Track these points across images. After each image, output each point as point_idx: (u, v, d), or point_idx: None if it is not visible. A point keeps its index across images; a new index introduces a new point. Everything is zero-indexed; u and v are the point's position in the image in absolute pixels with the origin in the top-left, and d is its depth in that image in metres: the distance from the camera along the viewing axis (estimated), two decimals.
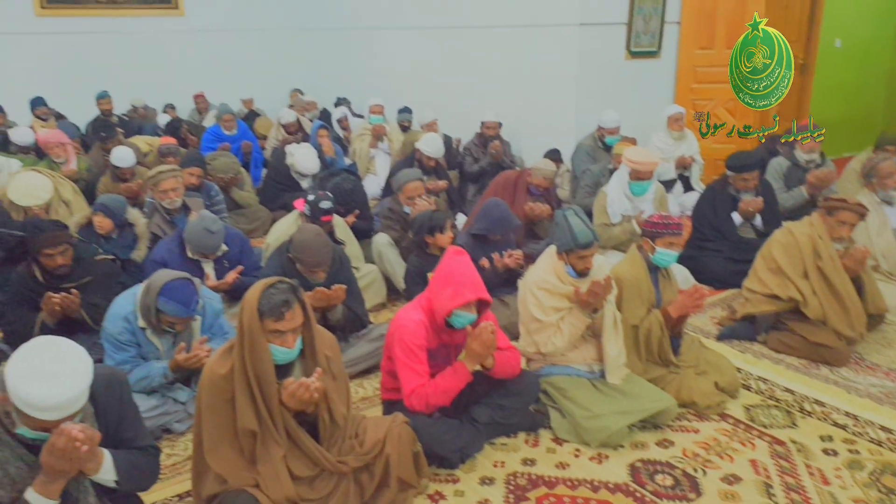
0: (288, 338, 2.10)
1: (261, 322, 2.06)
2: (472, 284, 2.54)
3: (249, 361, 2.07)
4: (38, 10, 8.05)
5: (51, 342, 1.69)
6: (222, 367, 2.10)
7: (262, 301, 2.07)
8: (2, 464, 1.68)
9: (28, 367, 1.61)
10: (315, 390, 2.06)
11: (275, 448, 2.10)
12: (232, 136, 6.81)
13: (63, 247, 3.24)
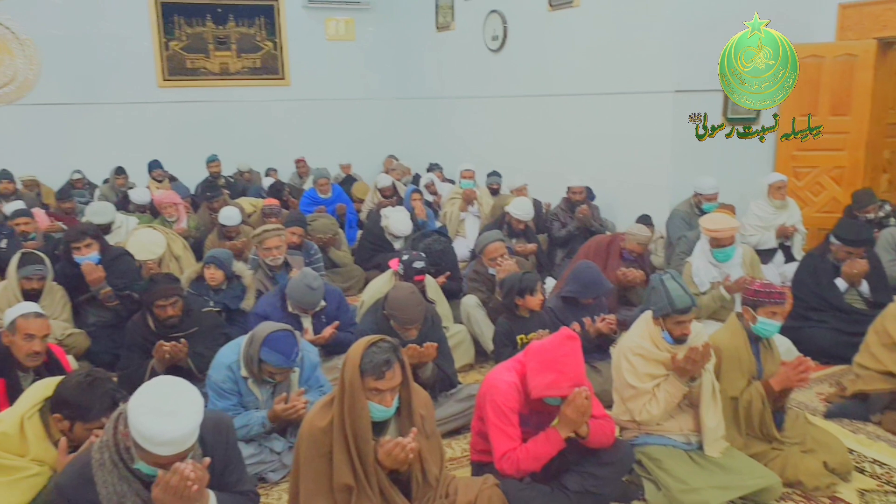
0: (386, 396, 2.13)
1: (361, 379, 2.11)
2: (575, 376, 2.45)
3: (348, 417, 2.11)
4: (160, 81, 8.84)
5: (169, 382, 1.81)
6: (322, 420, 2.15)
7: (364, 359, 2.12)
8: (120, 497, 1.78)
9: (149, 404, 1.72)
10: (410, 450, 2.07)
11: (374, 493, 2.11)
12: (327, 200, 7.11)
13: (174, 298, 3.46)
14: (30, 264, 3.95)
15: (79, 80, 8.47)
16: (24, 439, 2.11)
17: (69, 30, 8.36)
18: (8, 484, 2.06)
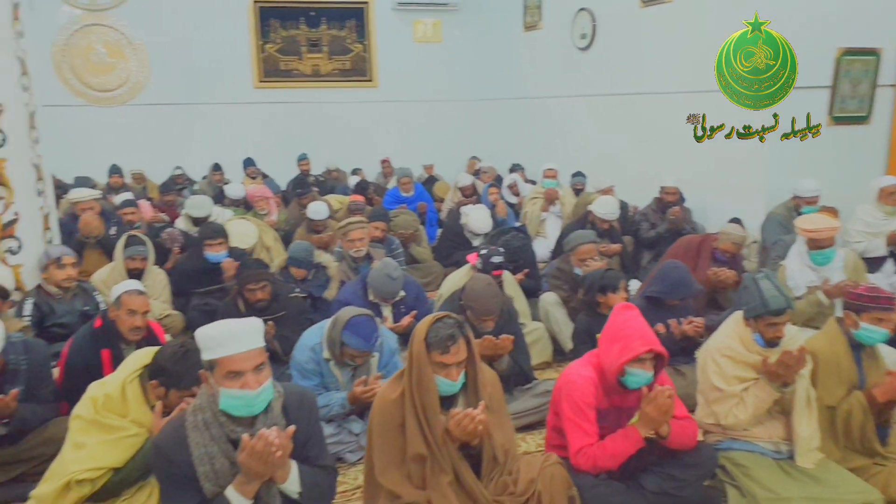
0: (452, 371, 2.16)
1: (427, 353, 2.14)
2: (643, 336, 2.41)
3: (416, 390, 2.15)
4: (256, 83, 9.24)
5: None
6: (393, 392, 2.20)
7: (429, 333, 2.16)
8: (210, 458, 1.87)
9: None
10: (479, 422, 2.08)
11: (442, 475, 2.13)
12: (409, 198, 7.22)
13: (264, 283, 3.61)
14: (134, 245, 4.23)
15: (183, 83, 8.96)
16: (125, 402, 2.26)
17: (176, 35, 8.86)
18: (110, 442, 2.21)
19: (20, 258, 3.83)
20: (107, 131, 8.47)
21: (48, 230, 4.05)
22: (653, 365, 2.44)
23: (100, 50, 8.66)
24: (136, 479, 2.26)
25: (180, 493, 1.86)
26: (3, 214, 3.74)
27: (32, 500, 2.29)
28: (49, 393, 3.02)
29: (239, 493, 1.86)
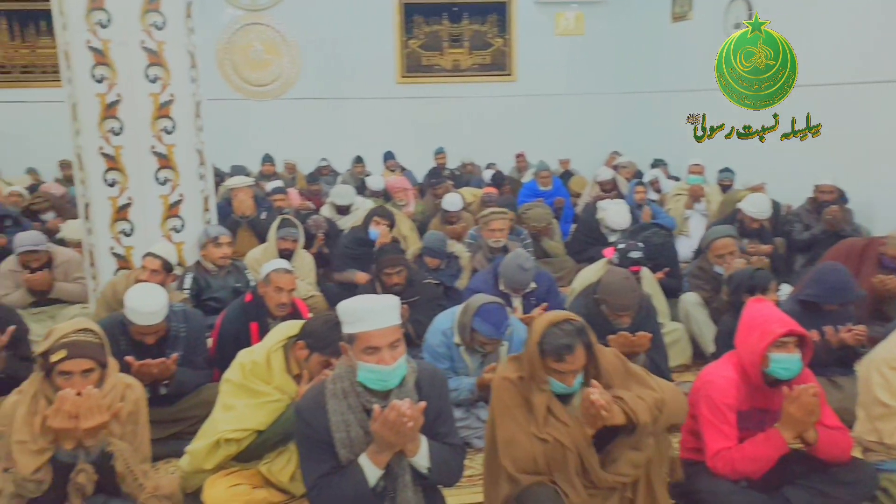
0: (567, 377, 2.10)
1: (541, 359, 2.09)
2: (780, 319, 2.28)
3: (533, 386, 2.12)
4: (398, 78, 9.53)
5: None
6: (512, 373, 2.18)
7: (545, 338, 2.09)
8: (347, 425, 1.94)
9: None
10: (600, 406, 2.03)
11: (568, 460, 2.09)
12: (547, 192, 7.13)
13: (400, 268, 3.73)
14: (286, 227, 4.53)
15: (330, 78, 9.42)
16: (269, 369, 2.41)
17: (325, 33, 9.32)
18: (255, 405, 2.36)
19: (183, 236, 4.18)
20: (260, 124, 9.08)
21: (207, 211, 4.39)
22: (798, 351, 2.27)
23: (257, 47, 9.30)
24: (276, 444, 2.40)
25: (318, 456, 1.95)
26: (170, 195, 4.09)
27: (187, 454, 2.50)
28: (203, 360, 3.29)
29: (371, 461, 1.92)
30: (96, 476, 2.19)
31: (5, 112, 9.05)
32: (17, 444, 2.15)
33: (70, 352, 2.16)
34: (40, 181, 8.30)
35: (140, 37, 3.81)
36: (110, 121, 3.87)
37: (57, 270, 4.44)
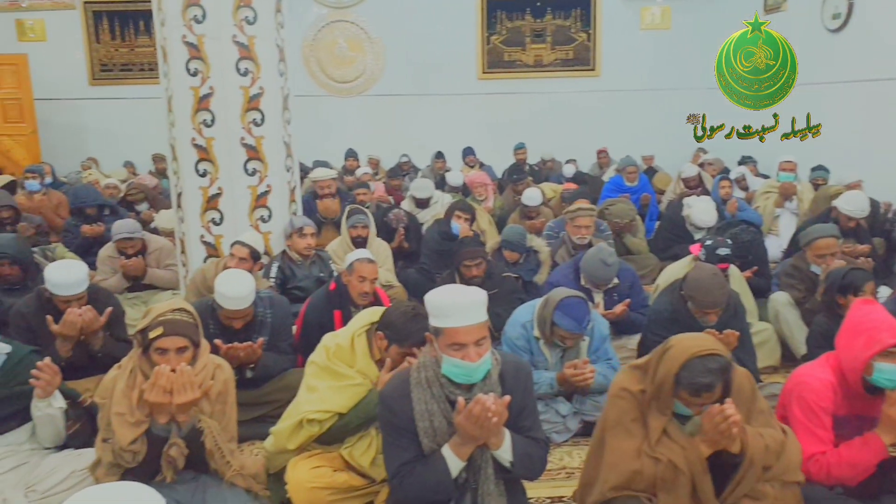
0: (695, 409, 1.99)
1: (674, 388, 1.96)
2: (892, 327, 2.12)
3: (654, 405, 2.02)
4: (479, 74, 9.53)
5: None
6: (633, 384, 2.07)
7: (684, 370, 1.93)
8: (430, 415, 1.95)
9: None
10: (734, 422, 1.88)
11: (679, 482, 1.97)
12: (632, 188, 6.96)
13: (479, 260, 3.72)
14: (355, 215, 4.63)
15: (412, 75, 9.51)
16: (353, 353, 2.45)
17: (408, 30, 9.42)
18: (338, 388, 2.40)
19: (270, 226, 4.31)
20: (343, 120, 9.27)
21: (293, 202, 4.50)
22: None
23: (342, 44, 9.51)
24: (357, 428, 2.42)
25: (401, 443, 1.96)
26: (258, 186, 4.23)
27: (272, 434, 2.57)
28: (288, 346, 3.38)
29: (454, 453, 1.91)
30: (187, 451, 2.27)
31: (105, 108, 9.60)
32: (116, 416, 2.26)
33: (166, 329, 2.25)
34: (135, 174, 8.75)
35: (232, 31, 3.94)
36: (203, 113, 4.03)
37: (150, 257, 4.65)
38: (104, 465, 2.31)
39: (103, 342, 3.21)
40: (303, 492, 2.31)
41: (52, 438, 2.54)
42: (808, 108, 7.79)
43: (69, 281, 3.08)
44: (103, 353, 3.18)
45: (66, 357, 3.06)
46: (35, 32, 9.49)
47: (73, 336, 3.06)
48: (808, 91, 7.43)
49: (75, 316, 3.02)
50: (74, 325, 3.02)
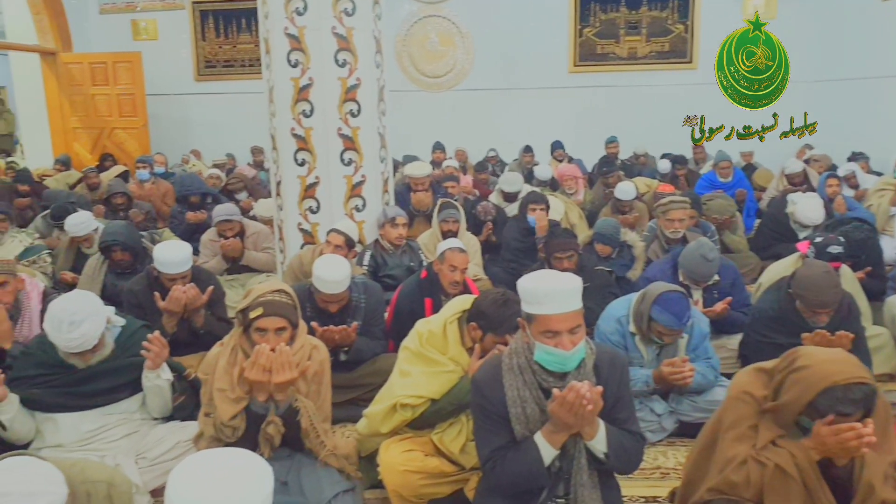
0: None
1: (806, 409, 1.81)
2: None
3: (773, 418, 1.90)
4: (571, 67, 9.37)
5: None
6: (757, 389, 1.94)
7: (822, 397, 1.76)
8: (522, 401, 1.92)
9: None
10: (867, 442, 1.70)
11: (792, 485, 1.83)
12: (726, 184, 6.68)
13: (570, 252, 3.64)
14: (447, 209, 4.64)
15: (501, 68, 9.46)
16: (445, 340, 2.44)
17: (499, 23, 9.38)
18: (431, 374, 2.40)
19: (363, 215, 4.38)
20: (431, 114, 9.32)
21: (386, 193, 4.56)
22: None
23: (433, 39, 9.57)
24: (449, 414, 2.41)
25: (493, 428, 1.95)
26: (354, 176, 4.30)
27: (365, 417, 2.61)
28: (380, 331, 3.43)
29: (547, 441, 1.88)
30: (284, 429, 2.34)
31: (209, 102, 10.07)
32: (218, 392, 2.35)
33: (266, 310, 2.32)
34: (234, 165, 9.13)
35: (332, 22, 4.03)
36: (302, 103, 4.14)
37: (248, 240, 4.85)
38: (206, 438, 2.41)
39: (205, 320, 3.36)
40: (395, 474, 2.33)
41: (160, 409, 2.67)
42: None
43: (175, 259, 3.28)
44: (205, 331, 3.35)
45: (171, 332, 3.23)
46: (148, 32, 10.06)
47: (178, 312, 3.24)
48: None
49: (180, 293, 3.21)
50: (179, 301, 3.20)
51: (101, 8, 10.02)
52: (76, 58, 9.47)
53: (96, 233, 4.57)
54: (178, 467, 1.18)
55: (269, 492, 1.16)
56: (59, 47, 9.42)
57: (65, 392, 2.49)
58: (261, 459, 1.22)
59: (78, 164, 8.90)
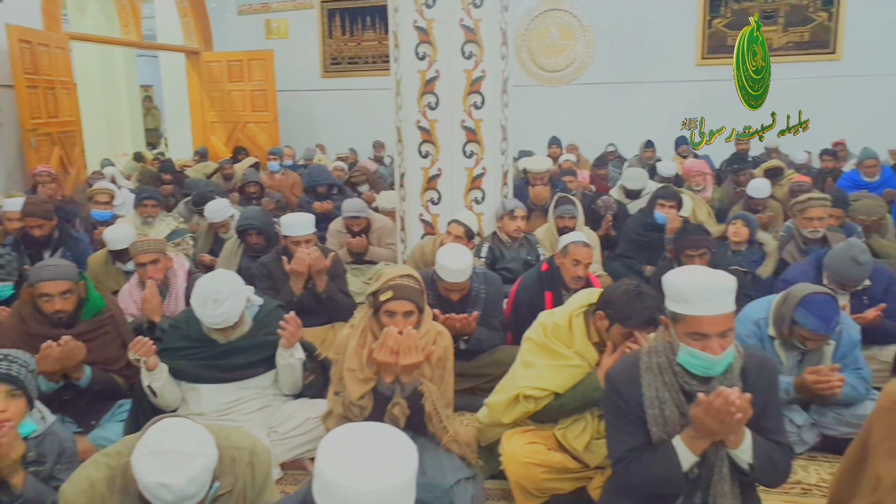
0: None
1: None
2: None
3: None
4: (698, 60, 8.95)
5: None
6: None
7: None
8: (661, 402, 1.83)
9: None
10: None
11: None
12: (872, 183, 6.14)
13: (703, 250, 3.48)
14: (564, 205, 4.56)
15: (622, 62, 9.19)
16: (570, 333, 2.38)
17: (623, 16, 9.12)
18: (555, 367, 2.35)
19: (482, 207, 4.38)
20: (547, 108, 9.20)
21: (505, 186, 4.54)
22: None
23: (553, 33, 9.46)
24: (573, 410, 2.36)
25: (627, 428, 1.88)
26: (475, 168, 4.31)
27: (486, 406, 2.60)
28: (498, 322, 3.42)
29: (686, 446, 1.78)
30: (408, 411, 2.37)
31: (333, 98, 10.45)
32: (348, 372, 2.42)
33: (395, 293, 2.36)
34: (356, 159, 9.42)
35: (459, 15, 4.04)
36: (428, 96, 4.19)
37: (372, 236, 4.98)
38: (335, 417, 2.49)
39: (327, 286, 3.55)
40: (517, 465, 2.30)
41: (291, 386, 2.79)
42: None
43: (300, 222, 3.65)
44: (327, 296, 3.56)
45: (298, 294, 3.49)
46: (279, 32, 10.57)
47: (303, 273, 3.48)
48: None
49: (304, 254, 3.46)
50: (304, 261, 3.45)
51: (239, 9, 10.63)
52: (216, 56, 10.11)
53: (232, 219, 4.85)
54: (328, 440, 1.21)
55: (416, 466, 1.17)
56: (202, 47, 10.10)
57: (206, 364, 2.65)
58: (404, 434, 1.23)
59: (214, 155, 9.52)
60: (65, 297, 2.72)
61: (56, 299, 2.71)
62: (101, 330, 2.83)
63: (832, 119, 8.35)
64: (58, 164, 6.95)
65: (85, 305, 2.80)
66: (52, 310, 2.72)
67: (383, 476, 1.13)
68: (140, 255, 3.40)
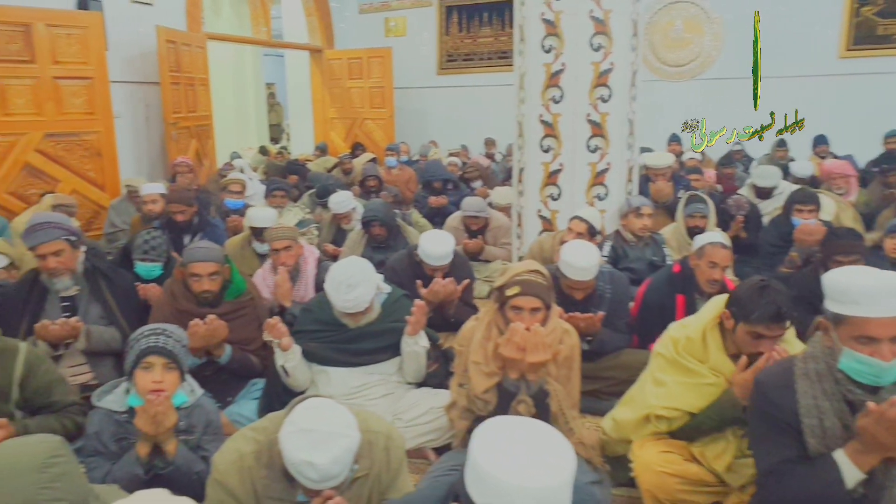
0: None
1: None
2: None
3: None
4: (842, 52, 8.30)
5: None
6: None
7: None
8: (820, 412, 1.69)
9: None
10: None
11: None
12: None
13: (855, 256, 3.20)
14: (694, 203, 4.35)
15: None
16: (705, 347, 2.21)
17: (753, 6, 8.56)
18: (688, 385, 2.19)
19: (605, 204, 4.25)
20: (668, 104, 8.83)
21: (630, 182, 4.38)
22: None
23: (678, 26, 9.08)
24: (710, 430, 2.20)
25: (779, 439, 1.74)
26: (598, 164, 4.19)
27: (612, 420, 2.48)
28: (624, 324, 3.29)
29: (851, 461, 1.63)
30: (534, 410, 2.31)
31: (447, 95, 10.53)
32: (473, 364, 2.40)
33: (523, 289, 2.31)
34: (468, 156, 9.45)
35: (590, 6, 3.93)
36: (552, 89, 4.10)
37: (489, 235, 4.98)
38: (458, 408, 2.47)
39: (456, 309, 3.49)
40: (651, 474, 2.19)
41: (414, 374, 2.81)
42: None
43: (440, 253, 3.47)
44: (455, 319, 3.46)
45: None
46: (397, 30, 10.77)
47: (435, 302, 3.40)
48: None
49: (440, 286, 3.38)
50: (438, 294, 3.37)
51: (360, 8, 10.93)
52: (337, 54, 10.44)
53: (354, 211, 4.98)
54: (484, 431, 1.19)
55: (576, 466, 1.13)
56: (325, 45, 10.46)
57: (336, 348, 2.72)
58: (559, 433, 1.19)
59: (333, 150, 9.83)
60: (212, 278, 2.90)
61: (205, 279, 2.89)
62: (241, 311, 2.98)
63: None
64: (194, 155, 7.40)
65: (229, 287, 2.96)
66: (201, 289, 2.90)
67: (546, 475, 1.09)
68: (275, 241, 3.55)
